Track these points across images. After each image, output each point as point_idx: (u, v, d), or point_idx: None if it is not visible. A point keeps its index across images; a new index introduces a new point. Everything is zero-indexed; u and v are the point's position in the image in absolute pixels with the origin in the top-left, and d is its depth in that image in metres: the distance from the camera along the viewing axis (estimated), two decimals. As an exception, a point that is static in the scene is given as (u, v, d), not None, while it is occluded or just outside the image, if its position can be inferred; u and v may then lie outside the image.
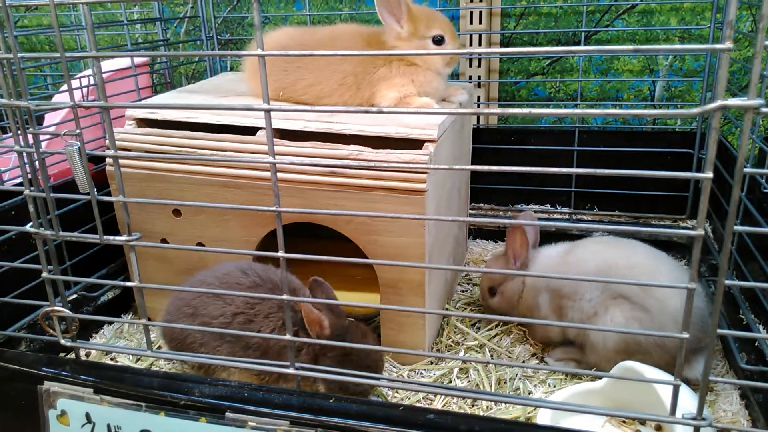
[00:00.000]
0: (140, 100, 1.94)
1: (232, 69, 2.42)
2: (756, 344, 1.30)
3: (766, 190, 1.41)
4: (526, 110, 0.72)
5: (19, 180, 1.79)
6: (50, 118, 1.97)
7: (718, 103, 0.66)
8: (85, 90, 1.77)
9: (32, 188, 0.94)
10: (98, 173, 1.43)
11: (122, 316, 1.73)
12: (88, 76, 1.77)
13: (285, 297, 0.89)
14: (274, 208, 0.85)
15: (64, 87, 2.19)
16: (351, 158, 1.30)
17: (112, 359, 1.50)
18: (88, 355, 1.50)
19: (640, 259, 1.37)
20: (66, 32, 2.50)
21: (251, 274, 1.27)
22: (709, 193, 0.71)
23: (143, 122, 1.51)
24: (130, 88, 1.93)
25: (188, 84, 2.46)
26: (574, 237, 1.68)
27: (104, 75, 1.91)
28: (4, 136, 2.12)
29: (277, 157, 0.81)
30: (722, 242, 1.70)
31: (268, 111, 0.79)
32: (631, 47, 0.66)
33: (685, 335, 0.78)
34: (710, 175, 0.70)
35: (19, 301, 1.12)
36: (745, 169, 0.69)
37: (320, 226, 1.40)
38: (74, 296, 1.57)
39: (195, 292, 1.24)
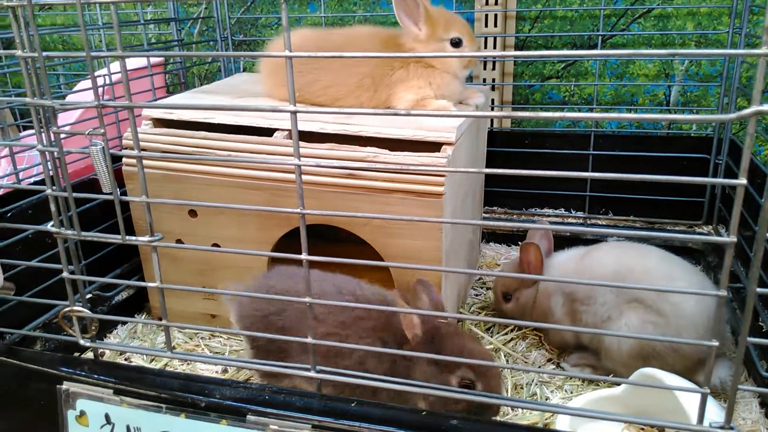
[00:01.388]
0: (156, 99, 1.94)
1: (245, 70, 2.42)
2: (776, 352, 1.29)
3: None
4: (558, 113, 0.71)
5: (33, 180, 1.80)
6: (64, 118, 1.97)
7: (754, 108, 0.65)
8: (100, 89, 1.77)
9: (54, 187, 0.94)
10: (115, 173, 1.43)
11: (135, 315, 1.73)
12: (104, 75, 1.77)
13: (307, 299, 0.89)
14: (298, 210, 0.84)
15: (78, 86, 2.20)
16: (370, 160, 1.29)
17: (126, 359, 1.50)
18: (102, 355, 1.50)
19: (655, 263, 1.36)
20: (79, 31, 2.50)
21: (347, 293, 1.18)
22: (728, 199, 0.70)
23: (159, 122, 1.50)
24: (144, 88, 1.93)
25: (201, 84, 2.46)
26: (588, 242, 1.67)
27: (119, 75, 1.92)
28: (21, 134, 2.12)
29: (302, 159, 0.81)
30: (740, 249, 1.68)
31: (294, 113, 0.78)
32: (665, 51, 0.65)
33: (715, 343, 0.77)
34: (744, 181, 0.69)
35: (38, 300, 1.11)
36: (781, 176, 0.68)
37: (335, 228, 1.40)
38: (89, 296, 1.57)
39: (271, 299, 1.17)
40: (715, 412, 1.03)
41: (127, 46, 2.49)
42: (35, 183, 1.67)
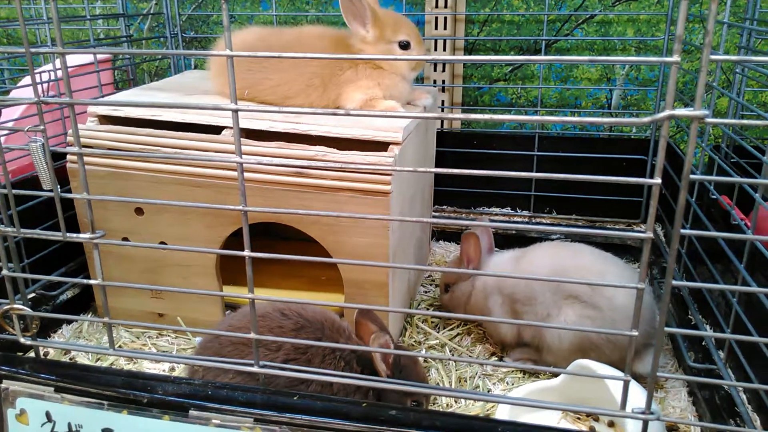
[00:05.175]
0: (103, 96, 1.91)
1: (196, 67, 2.41)
2: (703, 343, 1.36)
3: (714, 197, 1.47)
4: (498, 116, 0.75)
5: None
6: (8, 113, 1.93)
7: (667, 112, 0.70)
8: (45, 85, 1.74)
9: (-8, 184, 0.93)
10: (59, 170, 1.41)
11: (81, 315, 1.70)
12: (49, 71, 1.74)
13: (251, 296, 0.90)
14: (240, 207, 0.85)
15: (22, 82, 2.15)
16: (317, 159, 1.31)
17: (71, 359, 1.48)
18: (46, 354, 1.48)
19: (588, 260, 1.42)
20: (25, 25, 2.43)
21: (291, 314, 1.18)
22: (663, 199, 0.75)
23: (106, 119, 1.49)
24: (91, 84, 1.90)
25: (151, 81, 2.43)
26: (532, 240, 1.73)
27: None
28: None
29: (244, 156, 0.82)
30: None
31: (235, 111, 0.80)
32: (587, 57, 0.70)
33: (634, 333, 0.82)
34: (658, 180, 0.73)
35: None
36: (692, 176, 0.73)
37: (286, 227, 1.41)
38: (32, 295, 1.54)
39: (221, 335, 1.15)
40: (644, 400, 1.09)
41: (75, 41, 2.45)
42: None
